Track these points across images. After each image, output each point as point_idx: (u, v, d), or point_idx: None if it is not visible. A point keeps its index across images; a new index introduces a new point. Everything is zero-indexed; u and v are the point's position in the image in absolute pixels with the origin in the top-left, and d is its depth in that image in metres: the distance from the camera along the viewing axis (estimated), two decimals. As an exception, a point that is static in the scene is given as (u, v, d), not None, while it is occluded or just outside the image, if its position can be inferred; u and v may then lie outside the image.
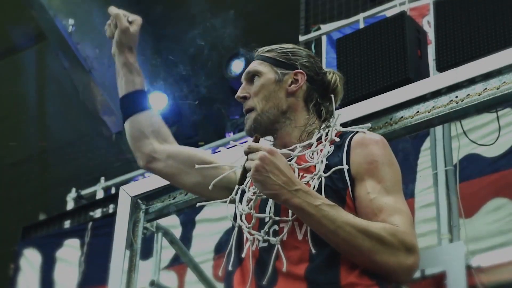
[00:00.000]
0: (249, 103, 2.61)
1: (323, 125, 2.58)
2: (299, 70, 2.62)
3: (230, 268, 2.45)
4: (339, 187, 2.38)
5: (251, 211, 2.43)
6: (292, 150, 2.51)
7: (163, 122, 2.78)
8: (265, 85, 2.60)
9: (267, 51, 2.67)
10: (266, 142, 2.37)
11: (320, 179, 2.37)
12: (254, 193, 2.45)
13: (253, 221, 2.43)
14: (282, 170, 2.24)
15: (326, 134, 2.53)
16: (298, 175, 2.41)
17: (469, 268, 3.82)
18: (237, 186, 2.55)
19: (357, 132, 2.51)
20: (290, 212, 2.34)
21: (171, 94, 7.76)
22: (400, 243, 2.25)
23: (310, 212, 2.23)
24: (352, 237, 2.23)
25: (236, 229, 2.50)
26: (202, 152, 2.77)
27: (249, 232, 2.43)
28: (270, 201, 2.39)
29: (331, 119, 2.60)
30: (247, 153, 2.28)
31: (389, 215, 2.30)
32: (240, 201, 2.52)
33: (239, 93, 2.64)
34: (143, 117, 2.74)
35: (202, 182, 2.64)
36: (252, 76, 2.64)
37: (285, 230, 2.35)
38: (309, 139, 2.54)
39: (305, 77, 2.61)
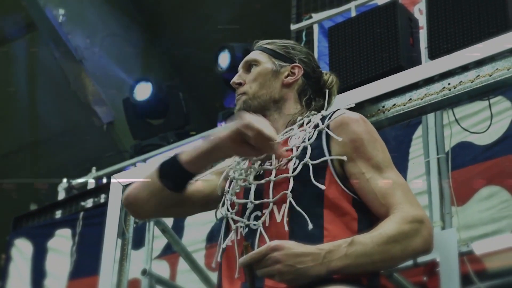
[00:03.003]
0: (242, 89, 2.64)
1: (308, 113, 2.61)
2: (297, 64, 2.66)
3: (219, 258, 2.47)
4: (319, 166, 2.39)
5: (232, 197, 2.48)
6: None
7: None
8: (261, 73, 2.64)
9: (268, 43, 2.71)
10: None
11: (299, 161, 2.40)
12: (237, 180, 2.50)
13: (235, 207, 2.46)
14: (300, 253, 2.17)
15: (309, 121, 2.55)
16: (277, 161, 2.44)
17: (461, 255, 3.83)
18: (226, 172, 2.60)
19: (336, 110, 2.53)
20: (270, 194, 2.38)
21: (161, 83, 7.73)
22: (416, 222, 2.28)
23: (347, 263, 2.20)
24: (386, 253, 2.24)
25: (224, 219, 2.53)
26: (201, 187, 2.70)
27: (232, 219, 2.46)
28: (253, 187, 2.44)
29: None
30: (249, 264, 2.16)
31: (391, 195, 2.33)
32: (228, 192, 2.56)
33: (235, 79, 2.66)
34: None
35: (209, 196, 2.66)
36: (250, 65, 2.67)
37: (266, 213, 2.37)
38: (290, 125, 2.58)
39: (302, 71, 2.65)
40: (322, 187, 2.35)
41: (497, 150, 4.80)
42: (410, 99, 3.10)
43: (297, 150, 2.43)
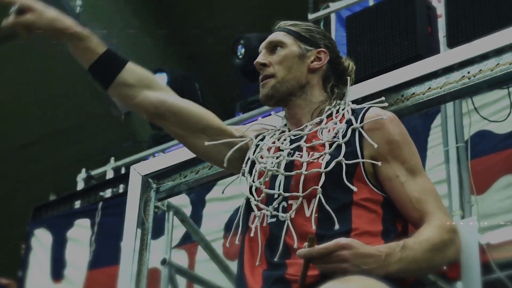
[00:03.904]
0: (269, 70, 2.59)
1: (334, 103, 2.59)
2: (323, 49, 2.63)
3: (237, 241, 2.48)
4: (350, 164, 2.39)
5: (261, 186, 2.45)
6: (302, 129, 2.54)
7: (146, 71, 2.69)
8: (288, 57, 2.59)
9: (291, 24, 2.66)
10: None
11: (331, 156, 2.39)
12: (265, 168, 2.46)
13: (262, 195, 2.44)
14: (365, 254, 2.16)
15: (337, 111, 2.54)
16: (308, 154, 2.43)
17: (480, 245, 3.81)
18: (247, 157, 2.59)
19: (369, 108, 2.52)
20: (300, 188, 2.36)
21: (177, 74, 7.74)
22: (453, 232, 2.35)
23: (400, 267, 2.21)
24: (430, 261, 2.28)
25: (244, 201, 2.52)
26: (206, 114, 2.72)
27: (257, 206, 2.44)
28: (280, 176, 2.42)
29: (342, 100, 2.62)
30: (312, 258, 2.14)
31: (425, 202, 2.37)
32: (250, 172, 2.54)
33: (259, 59, 2.61)
34: (126, 74, 2.63)
35: (213, 148, 2.64)
36: (275, 46, 2.62)
37: (293, 207, 2.36)
38: (320, 116, 2.55)
39: (328, 57, 2.62)
40: (354, 188, 2.35)
41: (516, 138, 4.78)
42: (429, 88, 3.07)
43: (330, 147, 2.42)
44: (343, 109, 2.55)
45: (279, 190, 2.40)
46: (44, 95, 9.90)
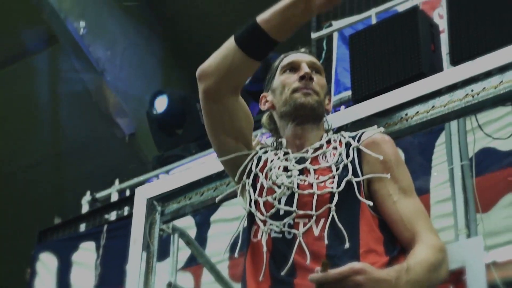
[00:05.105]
0: (315, 87, 2.66)
1: (330, 132, 2.70)
2: (329, 95, 2.81)
3: (236, 254, 2.52)
4: (357, 183, 2.46)
5: (274, 201, 2.48)
6: (305, 152, 2.60)
7: None
8: (324, 86, 2.73)
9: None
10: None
11: (338, 177, 2.46)
12: (277, 184, 2.50)
13: (272, 210, 2.47)
14: (378, 279, 2.19)
15: (334, 139, 2.62)
16: (315, 175, 2.49)
17: (487, 263, 3.80)
18: (248, 168, 2.62)
19: (364, 131, 2.61)
20: (313, 207, 2.41)
21: (178, 95, 7.76)
22: (443, 251, 2.41)
23: None
24: (429, 281, 2.34)
25: (246, 215, 2.55)
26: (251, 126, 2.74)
27: (264, 221, 2.47)
28: (290, 194, 2.47)
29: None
30: (326, 283, 2.14)
31: (416, 222, 2.44)
32: (252, 186, 2.57)
33: (309, 71, 2.66)
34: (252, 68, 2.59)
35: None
36: (315, 69, 2.71)
37: (302, 224, 2.41)
38: (319, 141, 2.62)
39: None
40: (370, 203, 2.42)
41: (521, 156, 4.77)
42: (433, 106, 3.07)
43: (337, 169, 2.48)
44: (338, 137, 2.63)
45: (292, 207, 2.43)
46: (48, 116, 9.91)
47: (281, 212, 2.45)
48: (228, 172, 2.75)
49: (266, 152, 2.67)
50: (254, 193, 2.54)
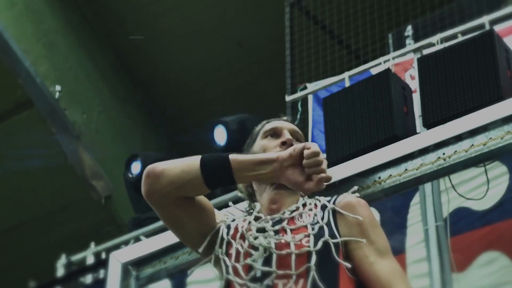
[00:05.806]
0: None
1: (305, 196, 2.70)
2: None
3: None
4: (334, 244, 2.48)
5: (253, 263, 2.48)
6: (281, 214, 2.61)
7: None
8: None
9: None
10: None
11: (314, 237, 2.48)
12: (254, 245, 2.51)
13: (251, 273, 2.47)
14: None
15: (309, 203, 2.64)
16: (292, 236, 2.50)
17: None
18: (220, 237, 2.61)
19: (339, 195, 2.64)
20: (292, 266, 2.42)
21: (153, 157, 7.78)
22: None
23: None
24: None
25: (223, 283, 2.53)
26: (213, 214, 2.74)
27: (243, 285, 2.47)
28: (267, 255, 2.48)
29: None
30: None
31: (393, 283, 2.46)
32: (226, 254, 2.57)
33: (290, 137, 2.73)
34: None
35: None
36: (297, 138, 2.76)
37: (281, 285, 2.42)
38: (295, 204, 2.64)
39: None
40: (348, 265, 2.45)
41: (495, 215, 4.80)
42: (406, 169, 3.12)
43: (313, 229, 2.51)
44: (313, 200, 2.65)
45: (271, 268, 2.44)
46: (23, 180, 9.86)
47: (258, 274, 2.45)
48: (191, 248, 2.74)
49: (233, 220, 2.68)
50: (230, 260, 2.54)
